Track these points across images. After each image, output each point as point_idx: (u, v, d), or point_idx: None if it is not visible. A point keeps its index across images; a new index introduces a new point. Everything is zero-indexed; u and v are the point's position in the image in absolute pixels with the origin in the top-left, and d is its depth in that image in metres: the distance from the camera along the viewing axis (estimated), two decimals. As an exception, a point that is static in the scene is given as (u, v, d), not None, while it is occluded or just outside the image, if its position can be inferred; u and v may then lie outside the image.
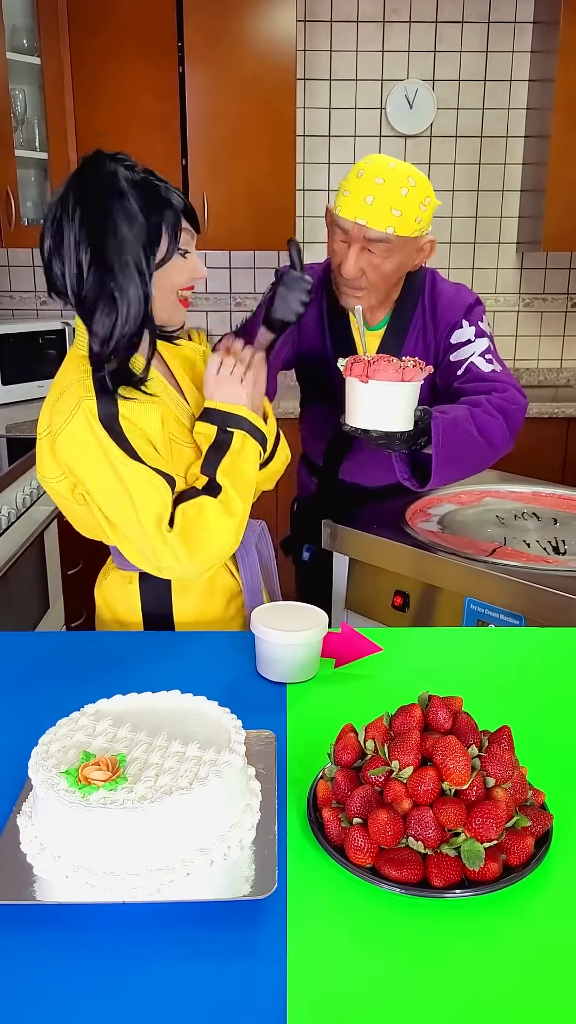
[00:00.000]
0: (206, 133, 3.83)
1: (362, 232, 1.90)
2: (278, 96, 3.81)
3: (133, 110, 3.78)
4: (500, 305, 4.47)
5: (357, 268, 1.95)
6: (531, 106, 4.19)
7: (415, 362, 1.75)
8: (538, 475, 2.70)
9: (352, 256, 1.93)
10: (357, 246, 1.93)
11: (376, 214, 1.87)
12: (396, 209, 1.87)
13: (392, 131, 4.25)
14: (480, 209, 4.38)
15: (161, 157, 3.79)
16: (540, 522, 2.22)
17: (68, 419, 1.49)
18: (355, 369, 1.74)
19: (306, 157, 4.25)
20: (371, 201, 1.87)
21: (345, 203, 1.90)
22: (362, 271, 1.96)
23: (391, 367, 1.71)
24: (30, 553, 3.06)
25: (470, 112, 4.26)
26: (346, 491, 2.37)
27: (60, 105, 3.73)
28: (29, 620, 3.10)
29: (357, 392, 1.77)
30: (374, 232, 1.90)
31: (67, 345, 3.91)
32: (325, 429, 2.30)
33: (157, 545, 1.51)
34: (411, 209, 1.89)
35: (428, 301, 2.13)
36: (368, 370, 1.72)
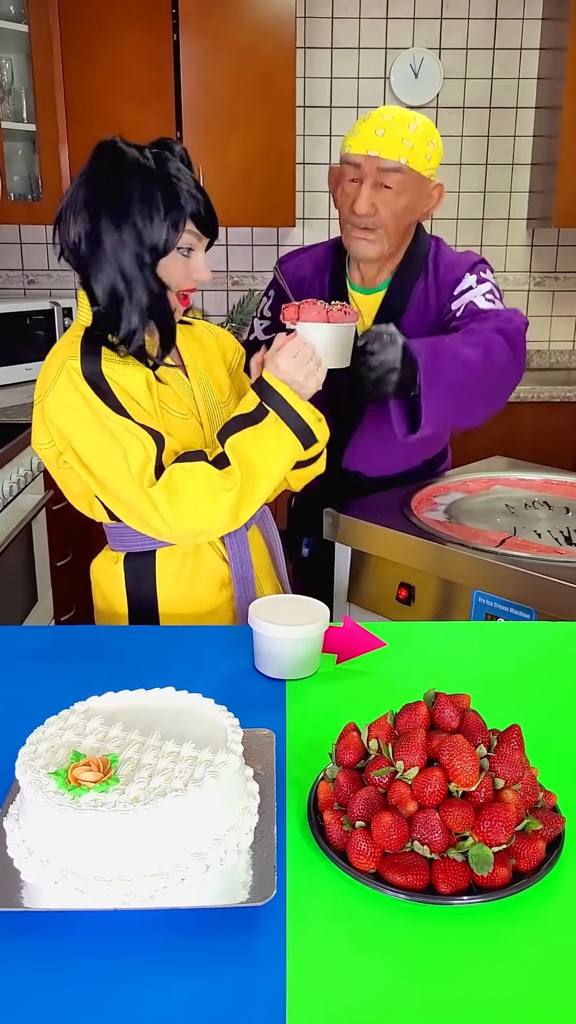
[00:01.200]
0: (201, 104, 3.81)
1: (375, 164, 1.96)
2: (277, 65, 3.79)
3: (125, 80, 3.77)
4: (510, 284, 4.46)
5: (370, 203, 1.99)
6: (542, 75, 4.18)
7: (341, 305, 1.79)
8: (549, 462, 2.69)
9: (365, 191, 1.98)
10: (370, 181, 1.98)
11: (388, 144, 1.95)
12: (407, 140, 1.95)
13: (396, 102, 4.22)
14: (489, 183, 4.36)
15: (154, 129, 3.72)
16: (552, 511, 2.22)
17: (54, 380, 1.57)
18: (286, 313, 1.79)
19: (306, 129, 4.24)
20: (382, 133, 1.95)
21: (355, 141, 1.98)
22: (375, 208, 2.00)
23: (315, 309, 1.77)
24: (17, 543, 3.05)
25: (478, 82, 4.24)
26: (348, 481, 2.37)
27: (49, 75, 3.72)
28: (16, 614, 3.10)
29: None
30: (387, 162, 1.96)
31: (56, 326, 3.90)
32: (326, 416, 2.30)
33: (141, 496, 1.55)
34: (421, 144, 1.97)
35: (432, 264, 2.17)
36: (298, 312, 1.78)
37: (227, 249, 4.36)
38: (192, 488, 1.55)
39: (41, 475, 3.30)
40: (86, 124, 3.79)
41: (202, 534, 1.61)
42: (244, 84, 3.80)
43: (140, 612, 1.75)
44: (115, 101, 3.77)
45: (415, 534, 2.06)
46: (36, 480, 3.26)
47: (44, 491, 3.31)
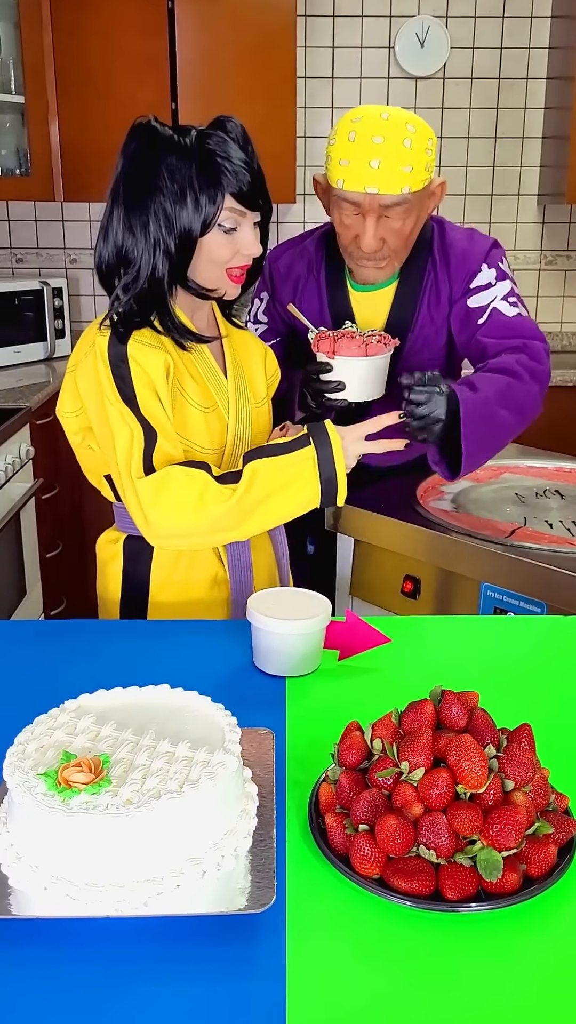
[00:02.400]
0: (198, 74, 3.80)
1: (376, 201, 1.89)
2: (276, 34, 3.78)
3: (118, 49, 3.75)
4: (520, 263, 4.45)
5: (378, 240, 1.95)
6: (554, 45, 4.16)
7: (379, 336, 1.85)
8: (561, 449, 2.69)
9: (370, 228, 1.93)
10: (373, 216, 1.92)
11: (387, 178, 1.86)
12: (406, 166, 1.86)
13: (401, 72, 4.21)
14: (498, 158, 4.35)
15: (149, 101, 3.76)
16: (564, 500, 2.22)
17: (86, 354, 1.65)
18: (322, 345, 1.88)
19: (307, 101, 4.23)
20: (377, 165, 1.86)
21: (347, 174, 1.88)
22: (383, 240, 1.96)
23: (354, 343, 1.84)
24: (5, 534, 3.05)
25: (487, 51, 4.22)
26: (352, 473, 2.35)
27: (38, 44, 3.71)
28: (3, 608, 3.10)
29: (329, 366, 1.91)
30: (389, 198, 1.89)
31: (45, 307, 3.89)
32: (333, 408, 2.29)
33: (128, 484, 1.60)
34: (419, 160, 1.89)
35: (439, 253, 2.12)
36: (334, 346, 1.84)
37: (224, 227, 4.34)
38: (181, 490, 1.57)
39: (30, 463, 3.29)
40: (77, 96, 3.78)
41: (178, 539, 1.64)
42: (242, 54, 3.78)
43: (131, 594, 1.78)
44: (108, 71, 3.76)
45: (421, 524, 2.06)
46: (25, 467, 3.26)
47: (34, 479, 3.31)
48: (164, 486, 1.57)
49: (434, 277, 2.12)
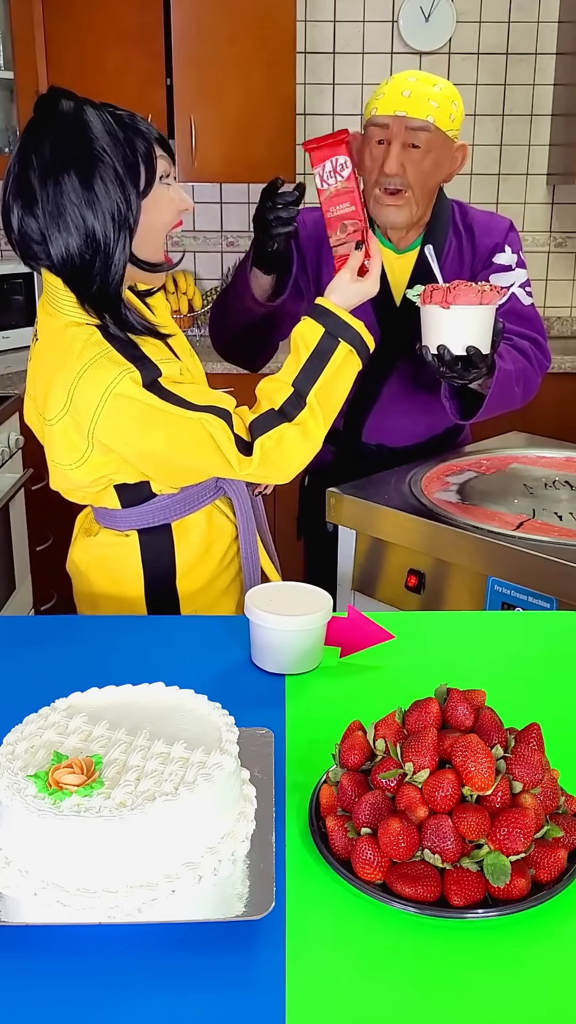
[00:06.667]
0: (194, 48, 3.79)
1: (403, 124, 2.11)
2: (276, 7, 3.77)
3: (111, 21, 3.74)
4: (528, 245, 4.44)
5: (399, 163, 2.13)
6: (564, 19, 4.14)
7: (491, 286, 1.94)
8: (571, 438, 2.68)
9: (395, 151, 2.13)
10: (399, 141, 2.13)
11: (415, 104, 2.12)
12: (433, 100, 2.13)
13: (405, 47, 4.20)
14: (505, 136, 4.34)
15: (142, 76, 3.76)
16: (574, 491, 2.22)
17: (101, 402, 1.52)
18: (435, 296, 1.94)
19: (307, 77, 4.22)
20: (408, 95, 2.12)
21: (381, 103, 2.14)
22: (403, 167, 2.14)
23: (471, 291, 1.91)
24: (-5, 527, 3.05)
25: (494, 26, 4.21)
26: (369, 455, 2.39)
27: (27, 16, 3.69)
28: (-6, 603, 3.10)
29: (436, 319, 1.97)
30: (415, 121, 2.11)
31: (35, 291, 3.88)
32: None
33: (239, 471, 1.64)
34: (445, 104, 2.16)
35: (462, 226, 2.33)
36: (448, 296, 1.91)
37: (221, 207, 4.33)
38: (283, 454, 1.66)
39: (19, 452, 3.29)
40: (68, 70, 3.76)
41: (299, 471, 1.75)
42: (240, 27, 3.77)
43: (157, 584, 1.77)
44: (99, 45, 3.75)
45: (425, 516, 2.06)
46: (14, 458, 3.26)
47: (23, 470, 3.30)
48: (268, 460, 1.64)
49: (457, 245, 2.31)
